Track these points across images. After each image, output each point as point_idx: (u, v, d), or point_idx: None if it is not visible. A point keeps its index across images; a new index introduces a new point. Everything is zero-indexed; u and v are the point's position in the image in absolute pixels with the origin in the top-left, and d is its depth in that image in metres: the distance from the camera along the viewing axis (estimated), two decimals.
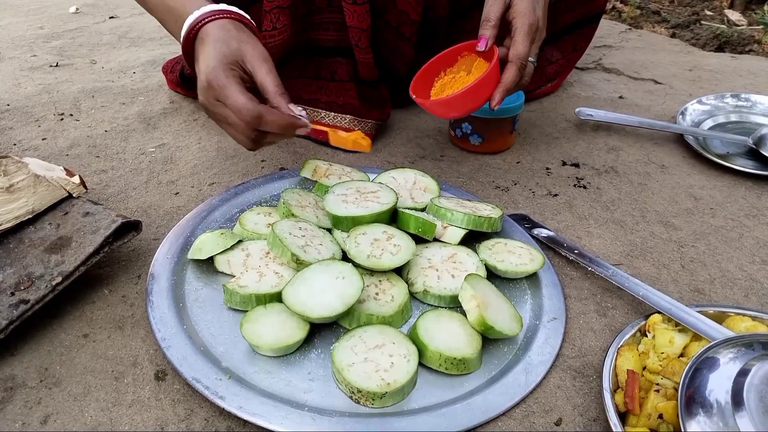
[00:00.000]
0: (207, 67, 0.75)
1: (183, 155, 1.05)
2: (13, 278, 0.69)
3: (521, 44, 0.81)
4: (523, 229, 0.86)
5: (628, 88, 1.38)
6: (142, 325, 0.71)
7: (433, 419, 0.59)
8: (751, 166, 1.04)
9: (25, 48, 1.58)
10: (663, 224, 0.91)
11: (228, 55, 0.75)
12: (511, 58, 0.82)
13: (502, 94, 0.82)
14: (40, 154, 1.05)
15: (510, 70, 0.82)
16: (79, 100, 1.26)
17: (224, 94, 0.74)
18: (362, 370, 0.61)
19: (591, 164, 1.06)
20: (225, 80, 0.74)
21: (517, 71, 0.82)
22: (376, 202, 0.80)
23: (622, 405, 0.60)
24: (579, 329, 0.72)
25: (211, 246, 0.75)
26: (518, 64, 0.82)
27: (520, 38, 0.81)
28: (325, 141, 1.07)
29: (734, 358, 0.58)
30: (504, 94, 0.83)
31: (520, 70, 0.82)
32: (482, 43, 0.83)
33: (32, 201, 0.74)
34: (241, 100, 0.73)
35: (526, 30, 0.81)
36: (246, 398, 0.60)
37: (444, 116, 0.94)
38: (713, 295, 0.78)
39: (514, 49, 0.82)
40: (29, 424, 0.60)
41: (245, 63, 0.76)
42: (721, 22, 1.86)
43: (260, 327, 0.66)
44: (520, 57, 0.81)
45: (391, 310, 0.69)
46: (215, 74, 0.74)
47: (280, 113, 0.76)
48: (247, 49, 0.76)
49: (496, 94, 0.82)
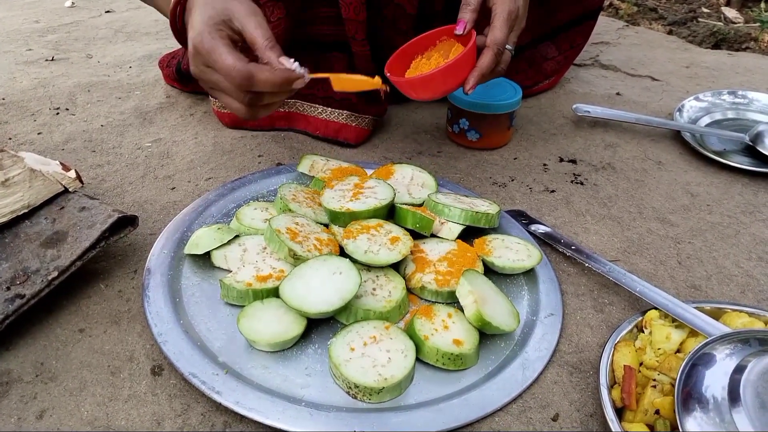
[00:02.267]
0: (193, 32, 0.72)
1: (179, 150, 1.05)
2: (8, 273, 0.68)
3: (499, 30, 0.81)
4: (520, 225, 0.86)
5: (625, 84, 1.38)
6: (138, 320, 0.70)
7: (430, 414, 0.59)
8: (748, 163, 1.04)
9: (21, 42, 1.57)
10: (660, 221, 0.91)
11: (213, 16, 0.72)
12: (488, 44, 0.81)
13: (477, 78, 0.82)
14: (36, 148, 1.05)
15: (486, 55, 0.81)
16: (74, 94, 1.25)
17: (212, 58, 0.71)
18: (359, 366, 0.61)
19: (588, 161, 1.06)
20: (211, 42, 0.70)
21: (493, 56, 0.81)
22: (374, 197, 0.79)
23: (619, 401, 0.60)
24: (576, 325, 0.72)
25: (207, 241, 0.75)
26: (495, 50, 0.81)
27: (498, 24, 0.81)
28: (329, 136, 1.06)
29: (731, 354, 0.58)
30: (479, 78, 0.82)
31: (496, 56, 0.81)
32: (461, 26, 0.82)
33: (28, 195, 0.74)
34: (229, 60, 0.70)
35: (505, 17, 0.81)
36: (243, 393, 0.60)
37: (418, 97, 0.88)
38: (710, 292, 0.78)
39: (492, 34, 0.81)
40: (25, 419, 0.60)
41: (233, 21, 0.73)
42: (718, 20, 1.86)
43: (257, 322, 0.66)
44: (498, 43, 0.81)
45: (389, 305, 0.69)
46: (201, 38, 0.71)
47: (272, 69, 0.72)
48: (234, 5, 0.73)
49: (470, 78, 0.81)
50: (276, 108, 0.80)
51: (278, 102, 0.80)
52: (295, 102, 1.09)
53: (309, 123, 1.08)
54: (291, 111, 1.10)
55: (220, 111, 1.11)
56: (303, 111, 1.10)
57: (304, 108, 1.09)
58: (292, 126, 1.11)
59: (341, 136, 1.06)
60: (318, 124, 1.07)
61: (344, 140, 1.07)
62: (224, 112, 1.11)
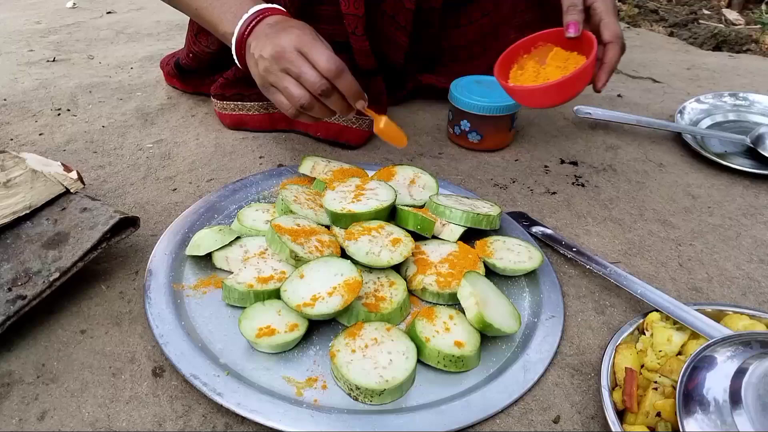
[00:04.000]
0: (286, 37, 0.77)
1: (181, 151, 1.05)
2: (10, 274, 0.68)
3: (614, 23, 0.84)
4: (521, 226, 0.86)
5: (626, 86, 1.38)
6: (139, 321, 0.70)
7: (432, 416, 0.59)
8: (749, 165, 1.04)
9: (22, 43, 1.57)
10: (661, 223, 0.91)
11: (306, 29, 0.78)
12: (611, 38, 0.83)
13: (608, 74, 0.85)
14: (37, 149, 1.05)
15: (613, 49, 0.84)
16: (76, 95, 1.25)
17: (308, 49, 0.76)
18: (361, 367, 0.61)
19: (589, 162, 1.06)
20: (313, 39, 0.77)
21: (619, 50, 0.84)
22: (375, 199, 0.79)
23: (621, 403, 0.60)
24: (577, 327, 0.72)
25: (209, 242, 0.75)
26: (619, 43, 0.84)
27: (610, 18, 0.84)
28: (342, 141, 1.07)
29: (732, 357, 0.58)
30: (609, 74, 0.85)
31: (622, 49, 0.84)
32: (573, 28, 0.83)
33: (30, 196, 0.74)
34: (328, 52, 0.75)
35: (611, 9, 0.84)
36: (244, 395, 0.60)
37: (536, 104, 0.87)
38: (711, 294, 0.78)
39: (609, 29, 0.84)
40: (26, 420, 0.60)
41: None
42: (719, 22, 1.86)
43: (258, 323, 0.66)
44: (619, 35, 0.84)
45: (390, 307, 0.69)
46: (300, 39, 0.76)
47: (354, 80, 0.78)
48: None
49: (602, 75, 0.85)
50: (318, 118, 0.83)
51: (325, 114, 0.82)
52: None
53: (310, 125, 1.09)
54: None
55: (221, 112, 1.11)
56: None
57: None
58: (293, 127, 1.11)
59: (342, 138, 1.06)
60: (319, 127, 1.07)
61: (345, 142, 1.07)
62: (225, 113, 1.11)
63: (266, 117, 1.10)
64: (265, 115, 1.10)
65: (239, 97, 1.09)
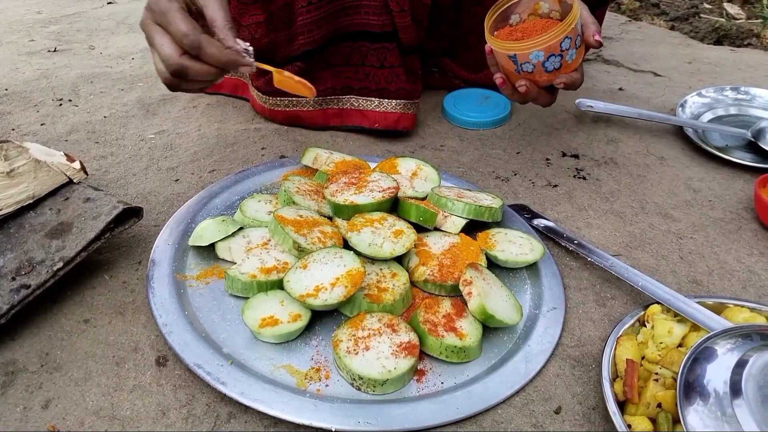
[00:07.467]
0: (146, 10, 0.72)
1: (183, 142, 1.05)
2: (14, 263, 0.69)
3: None
4: (523, 219, 0.86)
5: (627, 79, 1.38)
6: (142, 311, 0.71)
7: (434, 406, 0.60)
8: (750, 158, 1.04)
9: (23, 33, 1.56)
10: (662, 216, 0.92)
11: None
12: None
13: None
14: (39, 139, 1.05)
15: None
16: (77, 85, 1.25)
17: (166, 19, 0.70)
18: (363, 358, 0.61)
19: (590, 155, 1.06)
20: (168, 4, 0.70)
21: None
22: (378, 190, 0.80)
23: (621, 394, 0.60)
24: (578, 319, 0.73)
25: (212, 233, 0.75)
26: None
27: None
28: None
29: (732, 349, 0.58)
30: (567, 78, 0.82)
31: None
32: None
33: (33, 186, 0.74)
34: (183, 26, 0.69)
35: None
36: (248, 384, 0.60)
37: None
38: (711, 287, 0.78)
39: None
40: (30, 408, 0.60)
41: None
42: (720, 15, 1.86)
43: (261, 314, 0.66)
44: None
45: (392, 298, 0.69)
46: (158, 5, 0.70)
47: (221, 47, 0.72)
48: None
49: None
50: (200, 88, 0.79)
51: (206, 83, 0.77)
52: (349, 98, 1.08)
53: (366, 117, 1.07)
54: (344, 108, 1.09)
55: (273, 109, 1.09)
56: (358, 106, 1.08)
57: (359, 103, 1.08)
58: (345, 122, 1.09)
59: (401, 126, 1.06)
60: (376, 117, 1.06)
61: (403, 129, 1.07)
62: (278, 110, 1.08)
63: (320, 113, 1.09)
64: (319, 111, 1.08)
65: None
